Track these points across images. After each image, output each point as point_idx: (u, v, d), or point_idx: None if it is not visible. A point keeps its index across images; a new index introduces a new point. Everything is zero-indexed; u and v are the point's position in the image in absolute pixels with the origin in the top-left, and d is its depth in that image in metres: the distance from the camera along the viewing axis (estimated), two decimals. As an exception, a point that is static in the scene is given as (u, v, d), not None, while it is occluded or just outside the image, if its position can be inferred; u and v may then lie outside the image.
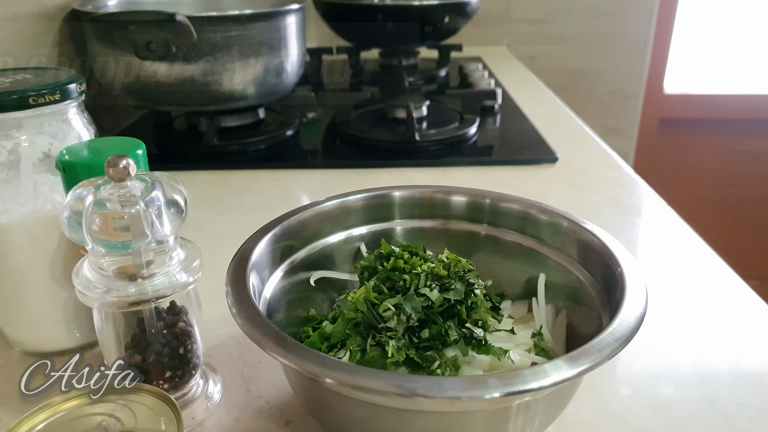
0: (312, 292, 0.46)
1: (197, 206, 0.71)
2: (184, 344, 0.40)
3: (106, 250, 0.36)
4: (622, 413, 0.42)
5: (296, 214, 0.45)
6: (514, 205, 0.47)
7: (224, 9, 1.04)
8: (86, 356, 0.45)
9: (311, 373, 0.30)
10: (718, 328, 0.51)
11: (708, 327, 0.51)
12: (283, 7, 0.85)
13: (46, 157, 0.43)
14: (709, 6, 1.85)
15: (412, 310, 0.38)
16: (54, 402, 0.33)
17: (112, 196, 0.35)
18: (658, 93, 1.80)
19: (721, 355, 0.48)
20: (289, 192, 0.78)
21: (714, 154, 1.88)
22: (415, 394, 0.29)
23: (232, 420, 0.41)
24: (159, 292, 0.37)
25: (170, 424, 0.32)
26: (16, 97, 0.41)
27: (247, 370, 0.46)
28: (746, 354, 0.48)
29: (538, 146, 0.89)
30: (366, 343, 0.39)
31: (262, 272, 0.41)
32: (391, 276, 0.41)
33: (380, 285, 0.40)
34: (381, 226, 0.49)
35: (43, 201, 0.43)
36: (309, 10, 0.99)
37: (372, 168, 0.83)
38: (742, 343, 0.49)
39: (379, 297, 0.40)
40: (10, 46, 0.73)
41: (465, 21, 1.19)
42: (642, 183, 0.79)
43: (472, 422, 0.33)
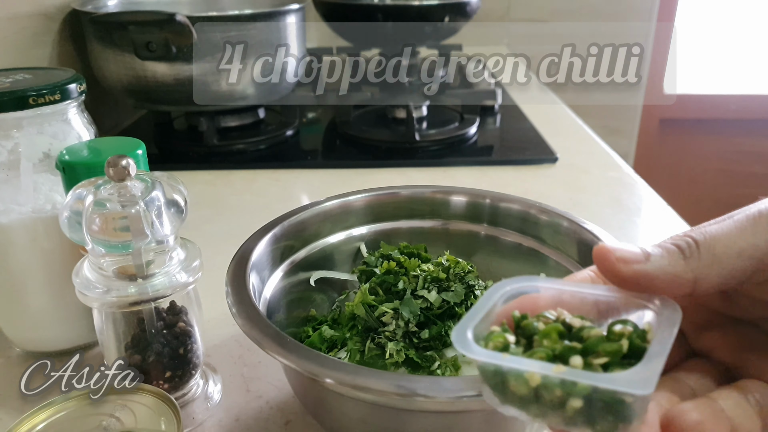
0: (312, 292, 0.46)
1: (197, 206, 0.71)
2: (184, 344, 0.40)
3: (106, 250, 0.36)
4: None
5: (296, 214, 0.45)
6: (514, 205, 0.47)
7: (224, 9, 1.04)
8: (86, 356, 0.45)
9: (311, 373, 0.30)
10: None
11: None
12: (283, 7, 0.85)
13: (46, 157, 0.43)
14: (709, 6, 1.85)
15: (410, 314, 0.38)
16: (54, 402, 0.33)
17: (112, 196, 0.35)
18: (658, 93, 1.80)
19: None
20: (289, 192, 0.78)
21: (714, 154, 1.88)
22: (415, 394, 0.29)
23: (232, 420, 0.41)
24: (159, 292, 0.37)
25: (170, 424, 0.32)
26: (16, 97, 0.41)
27: (247, 370, 0.46)
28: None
29: (538, 146, 0.89)
30: (365, 344, 0.39)
31: (262, 272, 0.41)
32: (387, 279, 0.41)
33: (377, 288, 0.40)
34: (381, 226, 0.49)
35: (43, 201, 0.43)
36: (309, 10, 0.99)
37: (372, 168, 0.83)
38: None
39: (377, 299, 0.40)
40: (10, 46, 0.73)
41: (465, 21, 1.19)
42: (642, 183, 0.79)
43: (471, 422, 0.33)
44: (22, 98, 0.41)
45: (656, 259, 0.23)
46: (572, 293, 0.24)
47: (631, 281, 0.23)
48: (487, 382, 0.22)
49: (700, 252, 0.23)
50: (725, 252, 0.23)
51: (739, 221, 0.23)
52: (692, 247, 0.23)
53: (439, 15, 1.11)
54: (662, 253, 0.23)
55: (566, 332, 0.22)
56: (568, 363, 0.20)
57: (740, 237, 0.23)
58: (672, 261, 0.23)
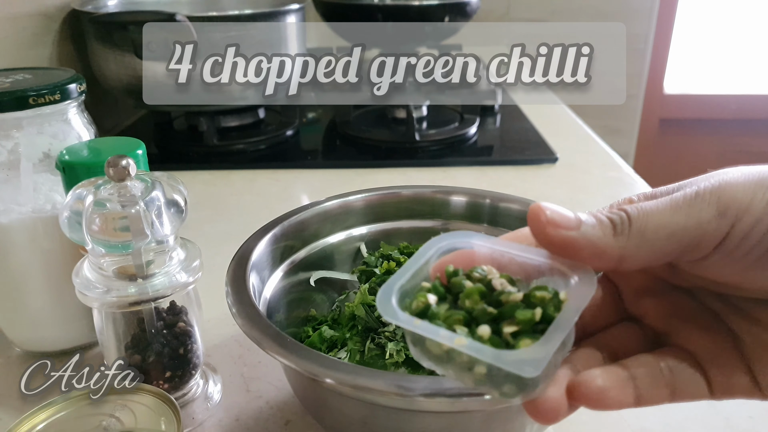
0: (312, 292, 0.46)
1: (197, 206, 0.71)
2: (184, 344, 0.40)
3: (106, 250, 0.36)
4: (622, 413, 0.42)
5: (296, 214, 0.45)
6: (514, 205, 0.47)
7: (224, 9, 1.04)
8: (86, 356, 0.45)
9: (311, 373, 0.30)
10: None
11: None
12: (283, 7, 0.85)
13: (46, 157, 0.43)
14: (709, 6, 1.85)
15: None
16: (54, 402, 0.33)
17: (112, 196, 0.35)
18: (658, 93, 1.80)
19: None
20: (289, 192, 0.78)
21: (714, 154, 1.88)
22: (414, 395, 0.29)
23: (232, 420, 0.41)
24: (159, 292, 0.37)
25: (170, 424, 0.32)
26: (16, 97, 0.41)
27: (247, 370, 0.46)
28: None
29: (538, 146, 0.89)
30: (365, 344, 0.39)
31: (262, 272, 0.41)
32: (386, 279, 0.41)
33: (376, 288, 0.40)
34: (381, 226, 0.49)
35: (43, 201, 0.43)
36: (309, 10, 0.99)
37: (372, 168, 0.83)
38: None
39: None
40: (10, 46, 0.73)
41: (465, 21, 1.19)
42: (642, 183, 0.79)
43: (471, 422, 0.33)
44: (22, 98, 0.41)
45: (587, 228, 0.23)
46: (502, 253, 0.24)
47: (558, 246, 0.23)
48: (408, 337, 0.23)
49: (631, 230, 0.22)
50: (655, 235, 0.22)
51: (675, 201, 0.22)
52: (624, 223, 0.22)
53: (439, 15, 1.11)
54: (594, 224, 0.23)
55: (488, 293, 0.23)
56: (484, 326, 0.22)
57: (673, 219, 0.22)
58: (602, 234, 0.22)
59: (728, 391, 0.24)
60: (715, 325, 0.25)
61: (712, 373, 0.24)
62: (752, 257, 0.22)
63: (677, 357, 0.24)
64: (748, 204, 0.22)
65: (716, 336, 0.24)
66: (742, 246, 0.22)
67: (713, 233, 0.22)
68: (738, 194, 0.22)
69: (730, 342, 0.24)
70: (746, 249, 0.22)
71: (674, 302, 0.26)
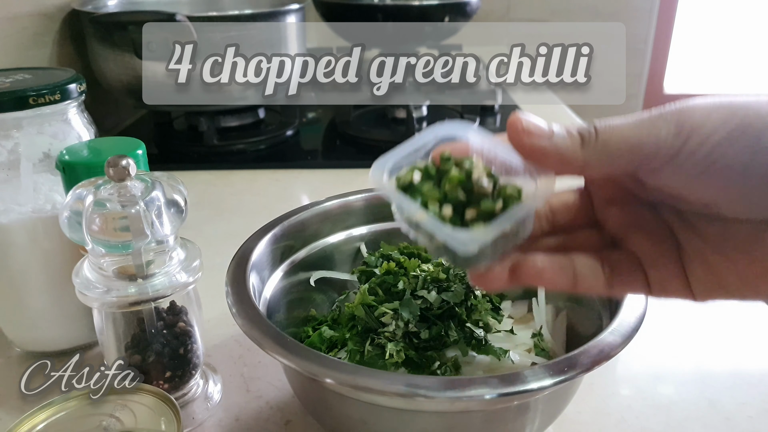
0: (312, 292, 0.46)
1: (197, 206, 0.71)
2: (184, 344, 0.40)
3: (106, 250, 0.36)
4: (622, 413, 0.42)
5: (296, 214, 0.45)
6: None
7: (224, 9, 1.04)
8: (86, 356, 0.45)
9: (311, 373, 0.30)
10: (718, 328, 0.51)
11: (708, 327, 0.51)
12: (283, 7, 0.85)
13: (46, 157, 0.43)
14: (709, 6, 1.86)
15: (410, 315, 0.38)
16: (54, 402, 0.33)
17: (112, 196, 0.35)
18: (658, 93, 1.80)
19: (721, 355, 0.48)
20: (289, 192, 0.78)
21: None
22: (415, 394, 0.29)
23: (232, 420, 0.41)
24: (159, 292, 0.37)
25: (170, 424, 0.32)
26: (16, 97, 0.41)
27: (247, 370, 0.46)
28: (746, 354, 0.48)
29: (538, 146, 0.89)
30: (365, 344, 0.39)
31: (262, 272, 0.41)
32: (386, 279, 0.41)
33: (376, 288, 0.40)
34: (381, 225, 0.49)
35: (43, 201, 0.43)
36: (309, 10, 0.99)
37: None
38: (742, 343, 0.49)
39: (377, 299, 0.40)
40: (10, 46, 0.73)
41: (465, 21, 1.19)
42: (642, 183, 0.79)
43: (472, 422, 0.33)
44: (22, 98, 0.41)
45: (557, 139, 0.25)
46: (490, 149, 0.27)
47: (529, 152, 0.26)
48: (393, 204, 0.27)
49: (597, 142, 0.25)
50: (617, 147, 0.25)
51: (640, 118, 0.25)
52: (591, 137, 0.25)
53: (439, 15, 1.11)
54: (565, 136, 0.25)
55: (466, 181, 0.26)
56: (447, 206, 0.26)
57: (634, 134, 0.24)
58: (570, 146, 0.25)
59: (664, 290, 0.27)
60: (664, 235, 0.28)
61: (651, 273, 0.27)
62: (695, 171, 0.24)
63: (620, 255, 0.28)
64: (702, 123, 0.24)
65: (663, 244, 0.28)
66: (689, 160, 0.24)
67: (668, 149, 0.24)
68: (696, 115, 0.24)
69: (674, 251, 0.27)
70: (692, 163, 0.24)
71: (635, 212, 0.29)
